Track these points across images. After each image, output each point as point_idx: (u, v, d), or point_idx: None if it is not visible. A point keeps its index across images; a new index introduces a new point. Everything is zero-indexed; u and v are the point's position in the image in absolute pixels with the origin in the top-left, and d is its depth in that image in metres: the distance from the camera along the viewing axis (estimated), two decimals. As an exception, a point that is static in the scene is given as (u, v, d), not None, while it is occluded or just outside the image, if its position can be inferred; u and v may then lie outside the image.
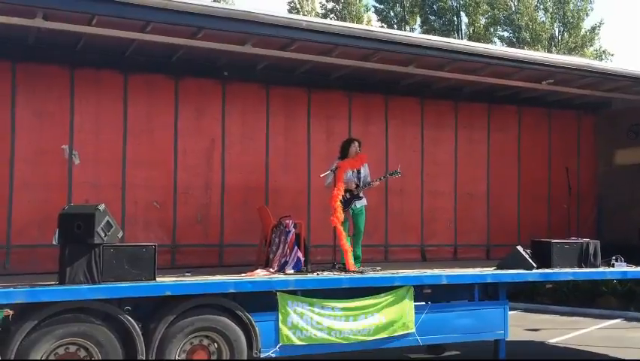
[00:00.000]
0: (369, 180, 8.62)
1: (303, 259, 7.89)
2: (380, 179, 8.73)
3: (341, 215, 8.06)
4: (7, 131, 8.12)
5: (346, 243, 8.09)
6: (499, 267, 8.72)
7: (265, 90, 9.63)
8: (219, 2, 30.43)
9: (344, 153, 8.56)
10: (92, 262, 6.35)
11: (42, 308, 6.17)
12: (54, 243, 6.79)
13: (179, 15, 7.11)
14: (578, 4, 30.97)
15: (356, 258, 8.46)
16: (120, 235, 6.70)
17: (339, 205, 8.07)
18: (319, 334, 7.26)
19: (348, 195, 8.33)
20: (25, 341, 6.09)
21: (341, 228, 8.05)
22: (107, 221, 6.48)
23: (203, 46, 8.07)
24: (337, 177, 8.21)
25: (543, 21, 30.57)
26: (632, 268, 9.28)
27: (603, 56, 31.67)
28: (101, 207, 6.51)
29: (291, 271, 7.71)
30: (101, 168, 8.58)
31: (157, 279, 6.67)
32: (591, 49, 31.14)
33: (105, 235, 6.44)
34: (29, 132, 8.23)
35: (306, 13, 32.83)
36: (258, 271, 7.72)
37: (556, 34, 31.21)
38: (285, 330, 7.11)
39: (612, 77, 9.81)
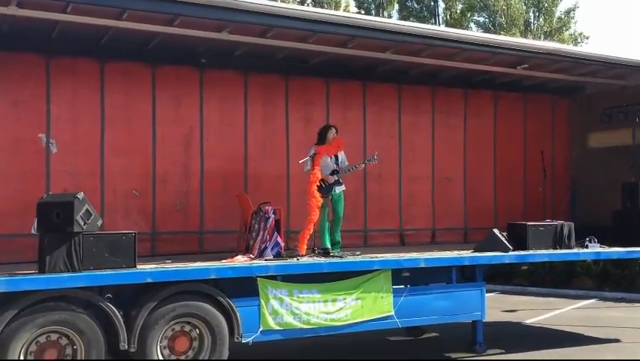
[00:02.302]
0: (347, 166, 8.65)
1: (283, 244, 7.95)
2: (357, 166, 8.75)
3: (318, 200, 8.11)
4: (-17, 120, 8.06)
5: (311, 225, 8.06)
6: (476, 250, 8.83)
7: (243, 77, 9.62)
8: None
9: (321, 139, 8.60)
10: (72, 250, 6.34)
11: (22, 297, 6.15)
12: (33, 232, 6.78)
13: (155, 2, 7.08)
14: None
15: (335, 243, 8.53)
16: (100, 223, 6.70)
17: (315, 190, 8.12)
18: (299, 319, 7.32)
19: (323, 183, 8.36)
20: (6, 330, 6.08)
21: (316, 211, 8.08)
22: (86, 209, 6.47)
23: (180, 33, 8.04)
24: (315, 162, 8.26)
25: (518, 6, 30.75)
26: (606, 249, 9.45)
27: (579, 39, 31.96)
28: (80, 195, 6.49)
29: (271, 256, 7.75)
30: (79, 156, 8.53)
31: (137, 266, 6.68)
32: (567, 33, 31.39)
33: (84, 224, 6.43)
34: (5, 121, 8.15)
35: (283, 0, 32.66)
36: (239, 257, 7.76)
37: (532, 19, 31.42)
38: (266, 315, 7.16)
39: (584, 62, 9.93)
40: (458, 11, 31.82)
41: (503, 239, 8.75)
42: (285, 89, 9.94)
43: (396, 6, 33.27)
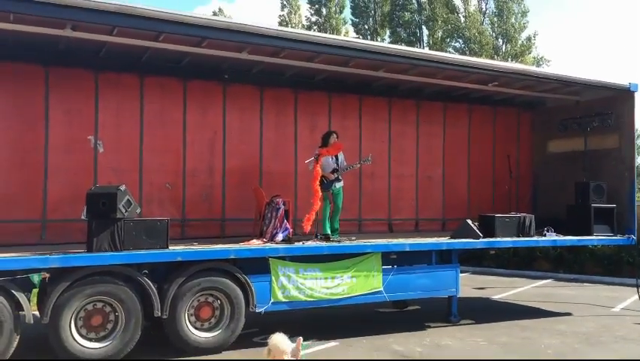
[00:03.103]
0: (346, 165, 8.65)
1: (291, 230, 7.96)
2: (353, 165, 8.74)
3: (319, 193, 8.09)
4: (42, 125, 8.06)
5: (313, 212, 8.00)
6: (452, 237, 8.85)
7: (259, 91, 9.60)
8: (220, 15, 30.12)
9: (324, 143, 8.59)
10: (115, 233, 6.38)
11: (74, 272, 6.20)
12: (83, 218, 6.80)
13: (186, 27, 7.06)
14: (518, 19, 31.12)
15: (334, 230, 8.52)
16: (138, 211, 6.72)
17: (317, 185, 8.11)
18: (303, 293, 7.35)
19: (325, 180, 8.35)
20: (60, 299, 6.12)
21: (318, 202, 8.06)
22: (127, 199, 6.49)
23: (207, 53, 8.03)
24: (317, 162, 8.25)
25: (488, 34, 30.68)
26: (561, 237, 9.48)
27: (541, 62, 31.83)
28: (122, 187, 6.51)
29: (281, 238, 7.74)
30: (122, 155, 8.52)
31: (169, 247, 6.71)
32: (530, 56, 31.27)
33: (126, 211, 6.46)
34: (60, 126, 8.16)
35: (293, 26, 32.60)
36: (254, 240, 7.77)
37: (500, 44, 31.34)
38: (276, 289, 7.19)
39: (545, 80, 9.89)
40: (439, 37, 31.70)
41: (475, 228, 8.77)
42: (295, 102, 9.92)
43: (388, 32, 33.16)
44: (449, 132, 11.35)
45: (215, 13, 32.59)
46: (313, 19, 34.03)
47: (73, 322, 6.18)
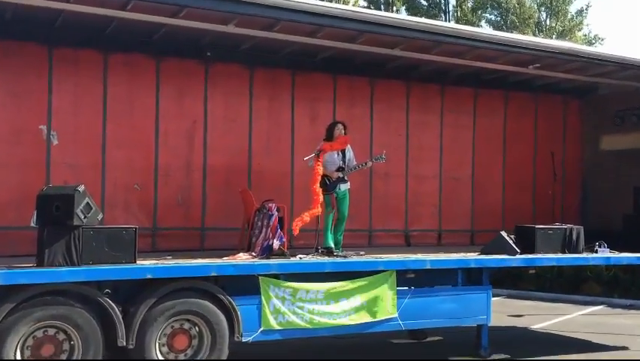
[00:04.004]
0: (355, 164, 8.64)
1: (286, 241, 7.96)
2: (363, 164, 8.71)
3: (320, 197, 8.09)
4: (-18, 110, 8.07)
5: (309, 215, 8.02)
6: (482, 252, 8.83)
7: (249, 72, 9.61)
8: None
9: (328, 136, 8.59)
10: (71, 244, 6.35)
11: (20, 291, 6.16)
12: (32, 225, 6.78)
13: (160, -8, 7.08)
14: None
15: (339, 242, 8.51)
16: (100, 217, 6.70)
17: (317, 187, 8.11)
18: (301, 318, 7.32)
19: (327, 180, 8.35)
20: (3, 324, 6.08)
21: (318, 206, 8.05)
22: (87, 203, 6.48)
23: (186, 25, 8.03)
24: (318, 159, 8.23)
25: (529, 5, 30.67)
26: (615, 254, 9.43)
27: (594, 41, 31.87)
28: (81, 188, 6.50)
29: (277, 245, 7.74)
30: (80, 148, 8.54)
31: (137, 262, 6.69)
32: (580, 33, 31.30)
33: (84, 217, 6.44)
34: (5, 112, 8.16)
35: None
36: (240, 254, 7.74)
37: (543, 19, 31.34)
38: (267, 314, 7.16)
39: (597, 62, 9.89)
40: (469, 8, 31.71)
41: (511, 242, 8.74)
42: (292, 85, 9.93)
43: (404, 1, 33.20)
44: (480, 124, 11.36)
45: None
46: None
47: (19, 351, 6.15)
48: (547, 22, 31.18)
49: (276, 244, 7.74)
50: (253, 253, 7.81)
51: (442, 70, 10.54)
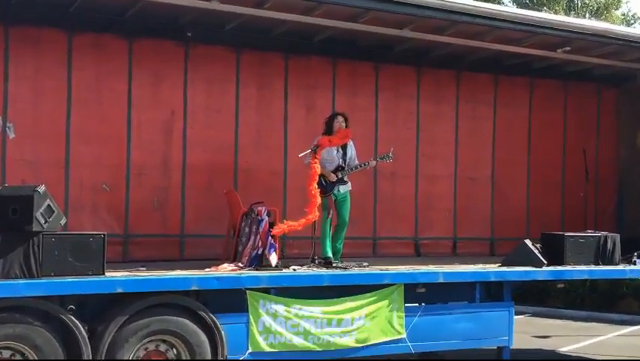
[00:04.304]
0: (356, 164, 8.65)
1: (278, 250, 7.98)
2: (367, 163, 8.73)
3: (318, 200, 8.10)
4: None
5: (303, 222, 8.05)
6: (504, 263, 8.84)
7: (235, 55, 9.63)
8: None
9: (328, 130, 8.59)
10: (30, 253, 6.33)
11: (-30, 307, 6.17)
12: (-16, 230, 6.78)
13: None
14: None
15: (336, 252, 8.53)
16: (63, 221, 6.69)
17: (314, 188, 8.11)
18: (295, 339, 7.33)
19: (324, 180, 8.37)
20: (-49, 345, 6.10)
21: (315, 211, 8.05)
22: (48, 205, 6.47)
23: (163, 0, 8.04)
24: (315, 155, 8.23)
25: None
26: (657, 266, 9.48)
27: (632, 20, 31.95)
28: (41, 188, 6.49)
29: (273, 255, 7.75)
30: (41, 143, 8.55)
31: (106, 273, 6.68)
32: (617, 12, 31.39)
33: (45, 222, 6.43)
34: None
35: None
36: (225, 265, 7.77)
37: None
38: (255, 334, 7.17)
39: (637, 45, 9.93)
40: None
41: (536, 252, 8.77)
42: (285, 70, 9.95)
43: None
44: (501, 116, 11.40)
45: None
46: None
47: (-32, 377, 6.17)
48: (579, 1, 31.31)
49: (273, 258, 7.74)
50: (240, 264, 7.82)
51: (457, 54, 10.56)
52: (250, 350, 7.15)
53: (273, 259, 7.77)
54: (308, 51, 9.98)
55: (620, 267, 9.18)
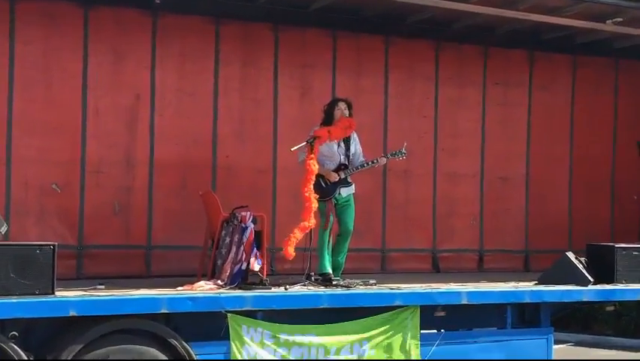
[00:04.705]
0: (361, 161, 8.65)
1: (265, 264, 7.99)
2: (375, 161, 8.75)
3: (314, 204, 8.11)
4: None
5: (300, 231, 8.09)
6: (541, 281, 8.89)
7: (214, 27, 9.64)
8: None
9: (327, 119, 8.58)
10: (-37, 267, 6.35)
11: None
12: None
13: None
14: None
15: (337, 267, 8.57)
16: (4, 229, 6.71)
17: (310, 190, 8.13)
18: (287, 373, 7.36)
19: (322, 181, 8.38)
20: None
21: (311, 217, 8.08)
22: (-15, 210, 6.48)
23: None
24: (313, 150, 8.24)
25: None
26: None
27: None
28: (-23, 189, 6.50)
29: (258, 268, 7.77)
30: (-24, 134, 8.57)
31: (56, 293, 6.68)
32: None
33: (-18, 230, 6.45)
34: None
35: None
36: (202, 283, 7.78)
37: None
38: (238, 367, 7.20)
39: None
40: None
41: (581, 267, 8.80)
42: (275, 45, 9.98)
43: None
44: (538, 101, 11.47)
45: None
46: None
47: None
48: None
49: (256, 267, 7.74)
50: (219, 282, 7.83)
51: (485, 25, 10.61)
52: (232, 386, 7.18)
53: (256, 267, 7.77)
54: (303, 22, 10.00)
55: (684, 286, 9.20)
